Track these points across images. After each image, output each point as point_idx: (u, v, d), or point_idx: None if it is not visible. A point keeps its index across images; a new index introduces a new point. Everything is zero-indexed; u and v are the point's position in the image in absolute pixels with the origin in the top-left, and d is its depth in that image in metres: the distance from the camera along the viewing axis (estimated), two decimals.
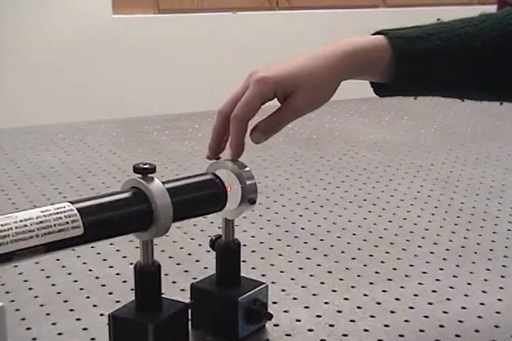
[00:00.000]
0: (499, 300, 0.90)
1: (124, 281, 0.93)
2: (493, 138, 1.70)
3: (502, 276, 0.97)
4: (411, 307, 0.87)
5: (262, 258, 1.02)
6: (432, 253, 1.04)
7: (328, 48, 0.77)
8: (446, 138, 1.70)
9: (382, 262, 1.01)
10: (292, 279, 0.95)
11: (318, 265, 0.99)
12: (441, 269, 0.99)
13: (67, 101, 2.14)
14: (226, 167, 0.76)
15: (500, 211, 1.21)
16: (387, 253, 1.04)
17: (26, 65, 2.09)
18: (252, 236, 1.09)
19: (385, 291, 0.92)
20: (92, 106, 2.14)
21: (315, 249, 1.05)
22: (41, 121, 1.93)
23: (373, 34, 0.78)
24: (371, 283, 0.94)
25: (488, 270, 0.99)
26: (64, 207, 0.64)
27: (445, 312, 0.86)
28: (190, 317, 0.77)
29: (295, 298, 0.89)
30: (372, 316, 0.85)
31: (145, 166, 0.69)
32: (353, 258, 1.02)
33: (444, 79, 0.79)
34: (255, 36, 2.49)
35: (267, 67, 0.76)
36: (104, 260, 1.00)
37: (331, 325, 0.83)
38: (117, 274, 0.96)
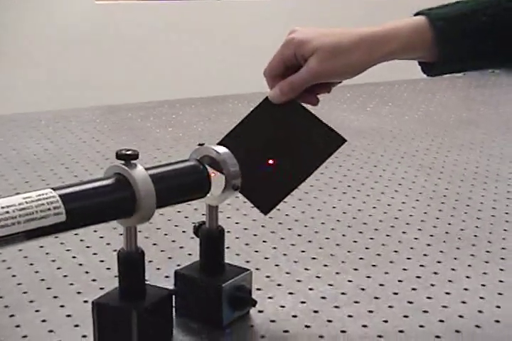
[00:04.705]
0: (483, 285, 0.90)
1: (108, 268, 0.93)
2: (477, 125, 1.70)
3: (486, 262, 0.97)
4: (395, 293, 0.88)
5: (246, 244, 1.01)
6: (416, 239, 1.04)
7: (370, 28, 0.78)
8: (431, 125, 1.70)
9: (367, 248, 1.01)
10: (276, 265, 0.95)
11: (303, 251, 0.99)
12: (425, 255, 0.99)
13: (50, 89, 2.13)
14: (210, 153, 0.76)
15: (484, 197, 1.22)
16: (372, 239, 1.04)
17: (7, 53, 2.07)
18: (236, 223, 1.09)
19: (369, 277, 0.92)
20: (75, 93, 2.13)
21: (299, 235, 1.05)
22: (24, 108, 1.91)
23: (415, 15, 0.78)
24: (355, 269, 0.94)
25: (472, 255, 0.99)
26: (46, 194, 0.63)
27: (429, 298, 0.87)
28: (174, 304, 0.77)
29: (279, 285, 0.89)
30: (356, 302, 0.85)
31: (128, 152, 0.69)
32: (338, 245, 1.02)
33: (492, 54, 0.78)
34: (240, 23, 2.49)
35: (303, 29, 0.79)
36: (88, 247, 1.00)
37: (315, 311, 0.83)
38: (101, 261, 0.95)
